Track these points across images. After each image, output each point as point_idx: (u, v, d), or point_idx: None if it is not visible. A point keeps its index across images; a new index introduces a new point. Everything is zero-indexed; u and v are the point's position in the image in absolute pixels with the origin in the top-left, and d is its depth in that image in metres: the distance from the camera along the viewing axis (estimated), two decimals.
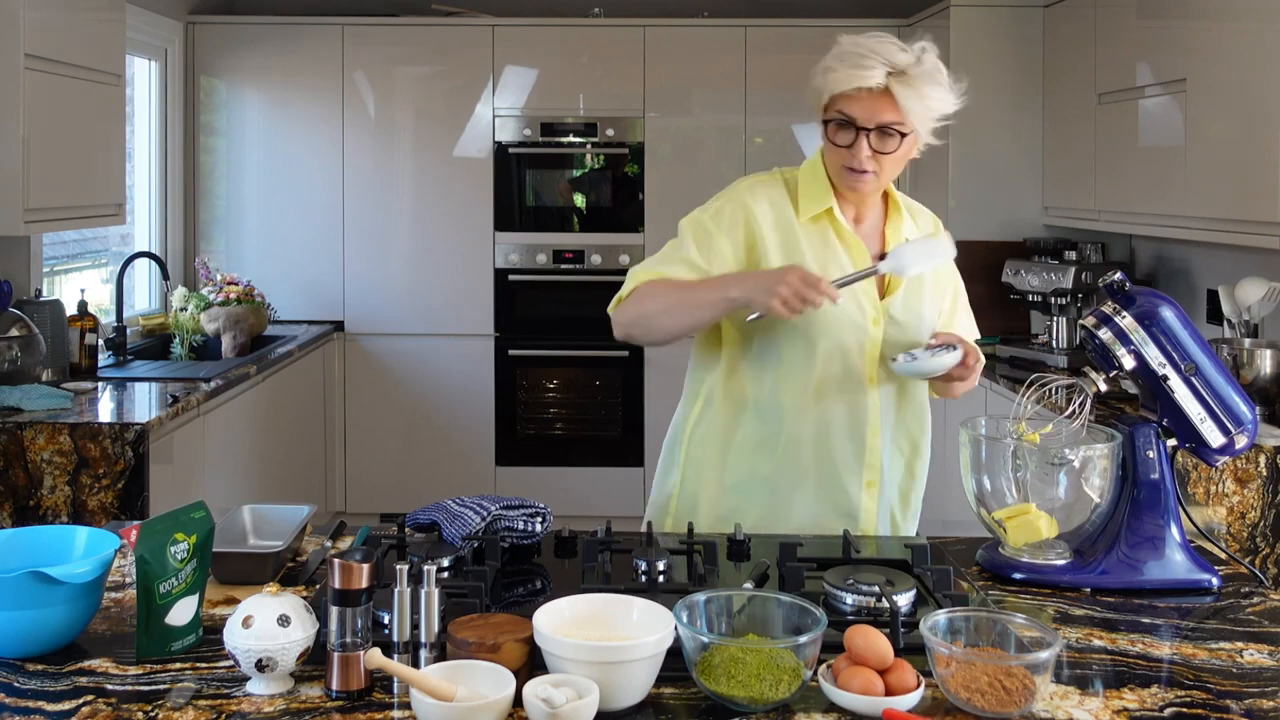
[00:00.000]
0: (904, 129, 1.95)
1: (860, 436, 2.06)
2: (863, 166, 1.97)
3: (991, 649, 1.40)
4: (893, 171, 2.02)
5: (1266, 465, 2.84)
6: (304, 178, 5.27)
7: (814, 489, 2.07)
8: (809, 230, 2.05)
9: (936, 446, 5.11)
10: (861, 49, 1.96)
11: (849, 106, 1.95)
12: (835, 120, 1.97)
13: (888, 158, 1.97)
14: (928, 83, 1.94)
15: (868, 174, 1.98)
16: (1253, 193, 3.04)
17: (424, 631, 1.42)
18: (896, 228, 2.09)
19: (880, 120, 1.94)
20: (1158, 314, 1.79)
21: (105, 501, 3.04)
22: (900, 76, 1.93)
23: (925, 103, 1.94)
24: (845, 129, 1.96)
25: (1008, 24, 4.61)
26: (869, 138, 1.95)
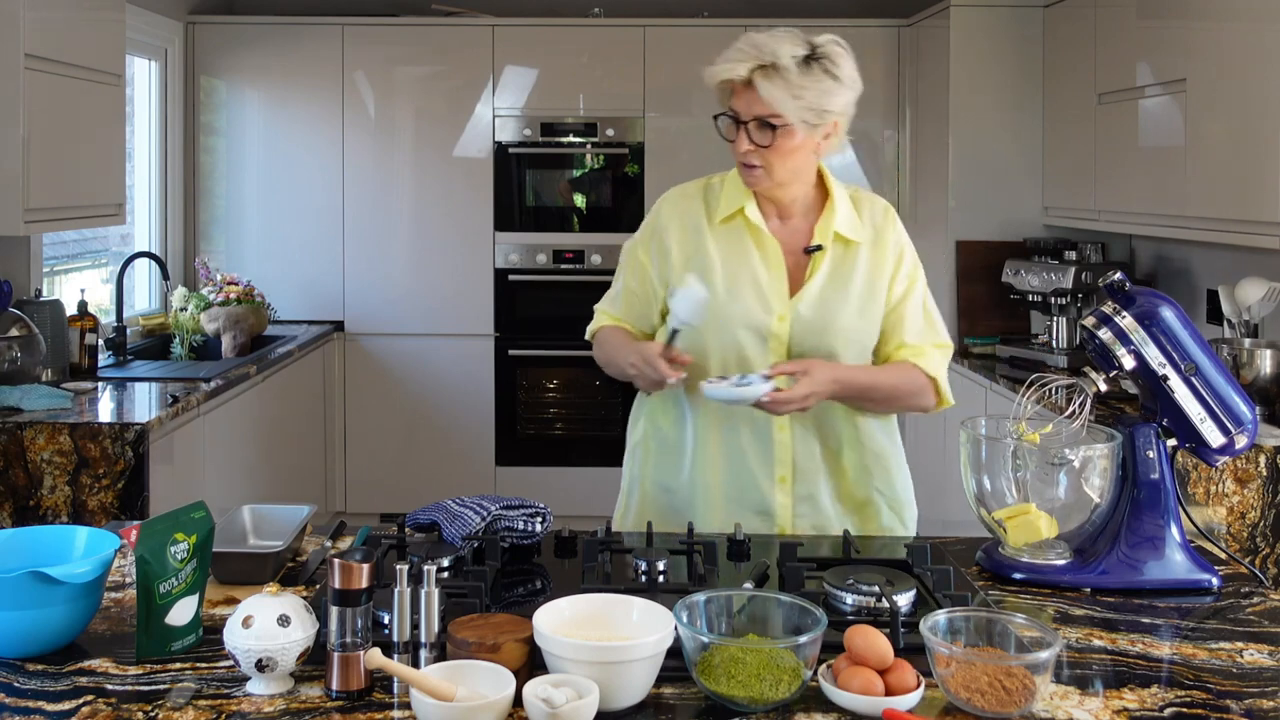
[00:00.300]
0: (777, 121, 1.96)
1: (766, 433, 2.06)
2: (746, 160, 2.00)
3: (991, 649, 1.40)
4: (786, 165, 2.01)
5: (1266, 465, 2.84)
6: (304, 178, 5.27)
7: (725, 486, 2.09)
8: (720, 232, 2.09)
9: (936, 446, 5.14)
10: (742, 43, 1.99)
11: (733, 100, 2.00)
12: (723, 114, 2.02)
13: (770, 151, 1.98)
14: (803, 75, 1.95)
15: (754, 168, 2.00)
16: (1253, 193, 3.04)
17: (424, 631, 1.42)
18: (827, 221, 2.07)
19: (755, 113, 1.97)
20: (1158, 314, 1.79)
21: (105, 501, 3.04)
22: (768, 69, 1.95)
23: (793, 94, 1.94)
24: (729, 123, 2.01)
25: (1008, 24, 4.61)
26: (748, 130, 1.97)
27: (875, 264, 2.09)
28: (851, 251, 2.08)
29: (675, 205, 2.15)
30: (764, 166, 2.00)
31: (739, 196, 2.08)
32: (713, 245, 2.08)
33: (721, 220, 2.09)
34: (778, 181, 2.03)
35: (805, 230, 2.09)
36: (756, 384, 1.92)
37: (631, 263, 2.18)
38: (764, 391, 1.91)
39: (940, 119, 4.74)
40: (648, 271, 2.14)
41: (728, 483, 2.09)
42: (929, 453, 4.92)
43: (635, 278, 2.17)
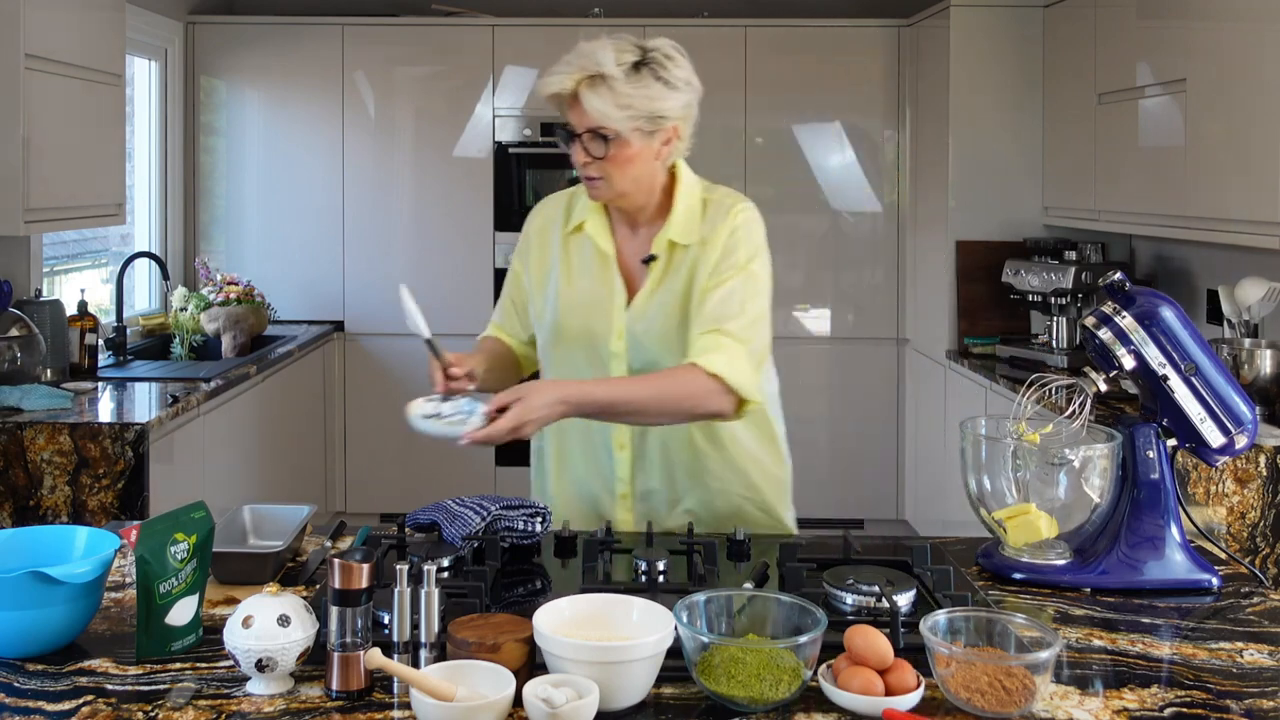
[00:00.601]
0: (608, 132, 1.90)
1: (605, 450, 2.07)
2: (585, 173, 1.95)
3: (991, 649, 1.40)
4: (625, 175, 1.95)
5: (1266, 465, 2.84)
6: (304, 178, 5.27)
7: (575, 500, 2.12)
8: (570, 244, 2.09)
9: (936, 446, 5.13)
10: (570, 54, 1.92)
11: (568, 113, 1.94)
12: (562, 127, 1.97)
13: (608, 162, 1.93)
14: (630, 83, 1.89)
15: (594, 180, 1.95)
16: (1253, 193, 3.04)
17: (424, 631, 1.42)
18: (665, 229, 2.01)
19: (586, 125, 1.91)
20: (1158, 314, 1.79)
21: (105, 501, 3.04)
22: (594, 80, 1.88)
23: (620, 103, 1.88)
24: (566, 137, 1.96)
25: (1008, 24, 4.61)
26: (582, 143, 1.93)
27: (700, 265, 1.98)
28: (679, 256, 2.01)
29: (540, 213, 2.16)
30: (603, 178, 1.94)
31: (586, 209, 2.06)
32: (559, 258, 2.08)
33: (569, 232, 2.08)
34: (619, 192, 1.97)
35: (643, 241, 2.04)
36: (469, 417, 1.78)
37: (510, 271, 2.19)
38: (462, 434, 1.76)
39: (940, 119, 4.74)
40: (521, 279, 2.15)
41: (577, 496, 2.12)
42: (929, 453, 4.92)
43: (513, 285, 2.18)
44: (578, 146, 1.93)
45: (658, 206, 2.04)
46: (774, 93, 5.23)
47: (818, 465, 5.30)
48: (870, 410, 5.32)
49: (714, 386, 1.88)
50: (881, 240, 5.30)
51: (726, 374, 1.88)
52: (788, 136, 5.27)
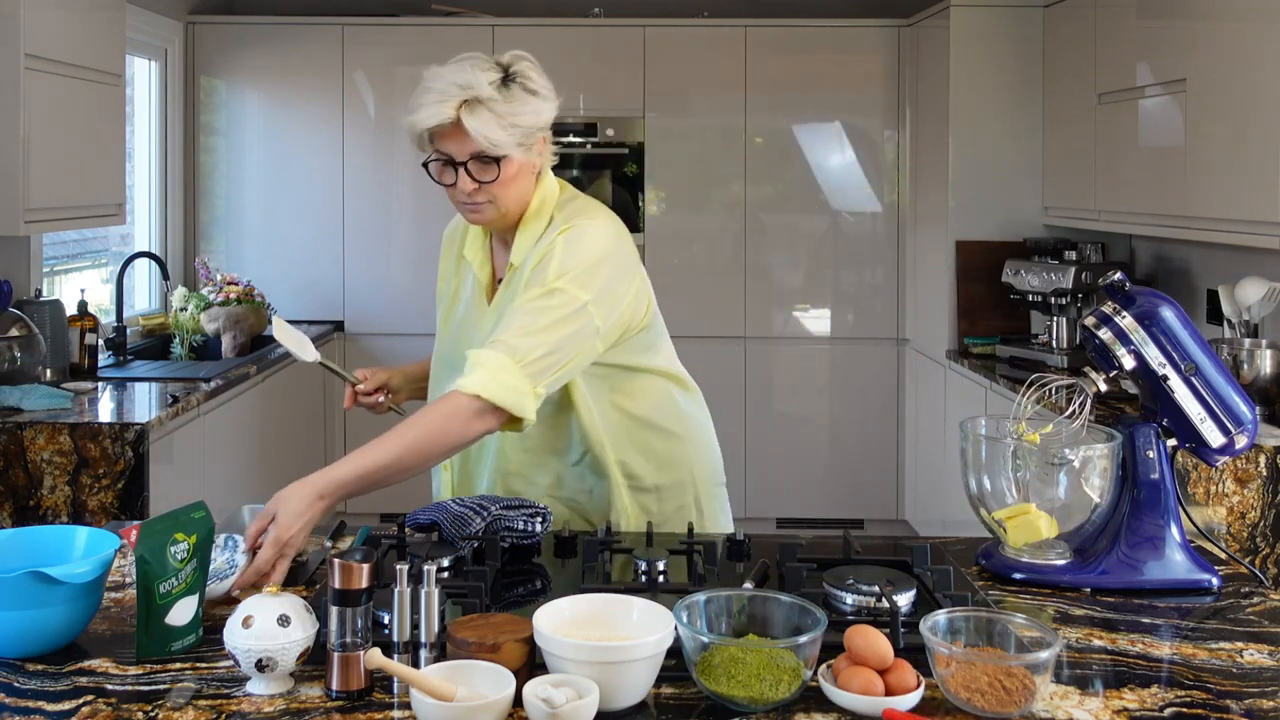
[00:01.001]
0: (495, 152, 1.85)
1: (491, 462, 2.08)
2: (471, 200, 1.89)
3: (991, 649, 1.40)
4: (511, 194, 1.91)
5: (1266, 465, 2.84)
6: (304, 178, 5.27)
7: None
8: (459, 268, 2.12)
9: (936, 446, 5.13)
10: (434, 83, 1.85)
11: (443, 143, 1.87)
12: (436, 160, 1.89)
13: (496, 185, 1.88)
14: (507, 101, 1.85)
15: (480, 204, 1.90)
16: (1253, 193, 3.04)
17: (424, 631, 1.42)
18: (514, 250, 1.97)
19: (470, 150, 1.85)
20: (1158, 314, 1.79)
21: (105, 501, 3.04)
22: (472, 104, 1.83)
23: (503, 123, 1.83)
24: (447, 167, 1.88)
25: (1008, 24, 4.62)
26: (468, 170, 1.87)
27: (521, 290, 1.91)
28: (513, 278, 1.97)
29: (446, 231, 2.18)
30: (491, 201, 1.90)
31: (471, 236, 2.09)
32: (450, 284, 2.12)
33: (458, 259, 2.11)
34: (503, 213, 1.93)
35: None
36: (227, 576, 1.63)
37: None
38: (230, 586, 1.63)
39: (940, 119, 4.75)
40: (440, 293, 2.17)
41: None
42: (929, 453, 4.92)
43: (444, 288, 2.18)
44: (462, 175, 1.87)
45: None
46: (774, 93, 5.23)
47: (818, 465, 5.30)
48: (870, 410, 5.33)
49: (474, 407, 1.75)
50: (881, 240, 5.31)
51: (485, 391, 1.75)
52: (788, 136, 5.27)
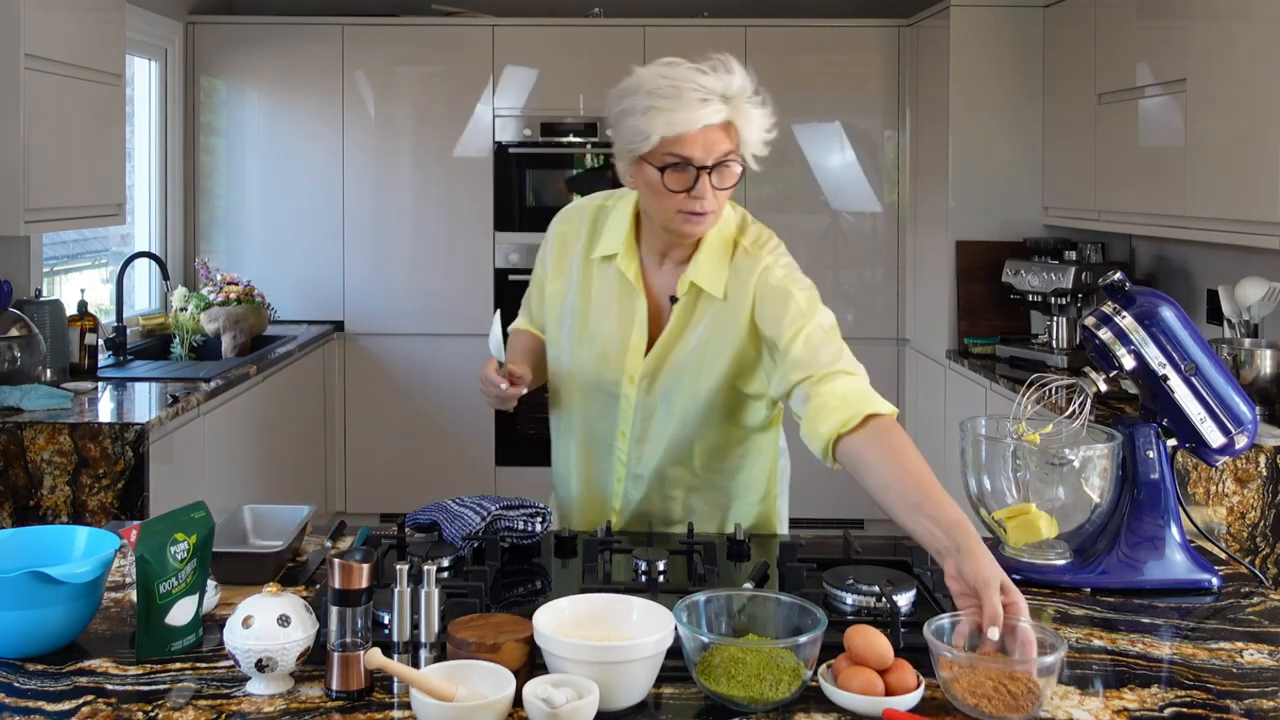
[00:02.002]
0: (734, 160, 1.81)
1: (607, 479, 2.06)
2: (703, 209, 1.80)
3: (995, 653, 1.40)
4: (724, 206, 1.89)
5: (1266, 465, 2.84)
6: (304, 178, 5.27)
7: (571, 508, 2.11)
8: (594, 270, 1.99)
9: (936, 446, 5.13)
10: (688, 83, 1.77)
11: (682, 148, 1.77)
12: (670, 165, 1.78)
13: (724, 194, 1.84)
14: (755, 104, 1.82)
15: (707, 215, 1.82)
16: (1253, 193, 3.04)
17: (424, 631, 1.42)
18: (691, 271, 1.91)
19: (718, 154, 1.79)
20: (1158, 314, 1.79)
21: (105, 501, 3.04)
22: (739, 107, 1.80)
23: (755, 125, 1.82)
24: (680, 171, 1.78)
25: (1008, 24, 4.61)
26: (710, 175, 1.79)
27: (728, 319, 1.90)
28: (704, 304, 1.92)
29: (561, 228, 2.06)
30: (715, 212, 1.83)
31: (618, 239, 1.95)
32: (578, 282, 2.00)
33: (596, 258, 1.99)
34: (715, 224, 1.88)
35: (672, 275, 1.95)
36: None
37: (535, 270, 2.12)
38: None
39: (940, 119, 4.74)
40: (543, 283, 2.08)
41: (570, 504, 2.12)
42: (929, 453, 4.92)
43: (536, 286, 2.13)
44: (704, 181, 1.78)
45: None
46: (774, 93, 5.17)
47: (818, 465, 5.29)
48: None
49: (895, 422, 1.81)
50: (881, 240, 5.31)
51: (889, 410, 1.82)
52: (788, 136, 5.26)
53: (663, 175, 1.79)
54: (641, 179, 1.84)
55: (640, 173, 1.84)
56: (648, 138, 1.77)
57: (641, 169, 1.83)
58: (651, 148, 1.78)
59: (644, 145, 1.78)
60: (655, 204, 1.84)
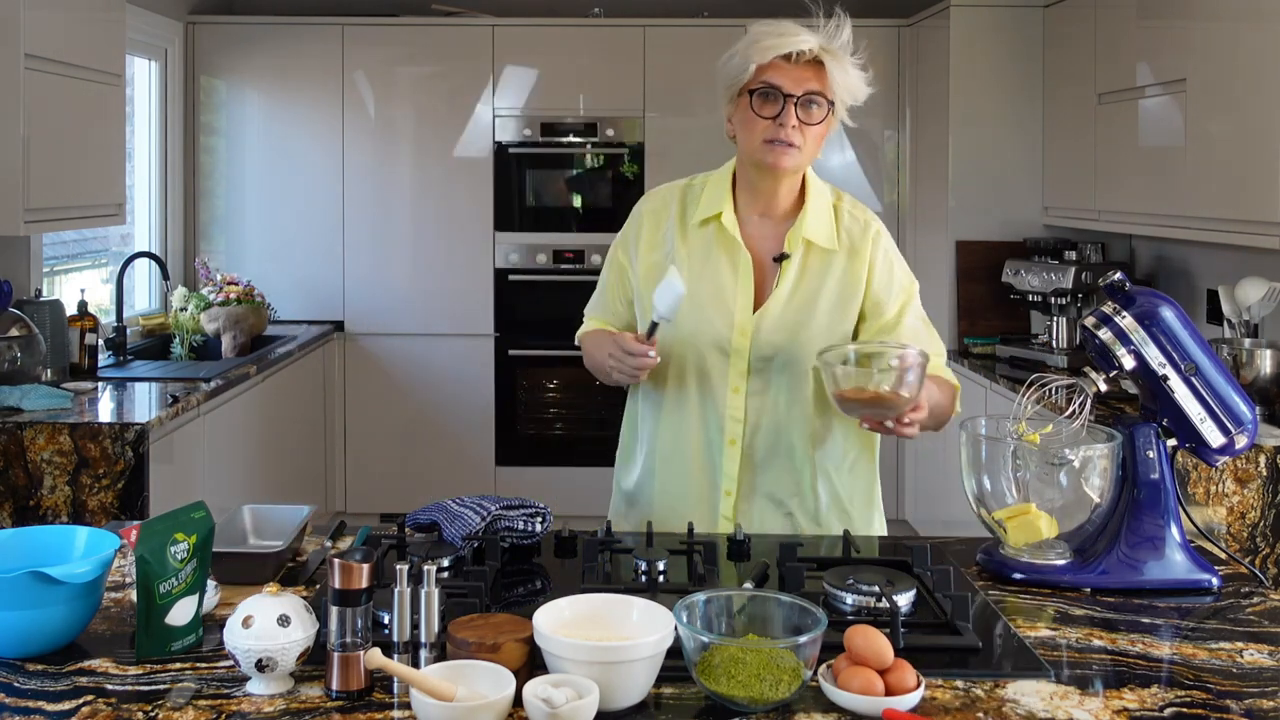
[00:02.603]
0: (829, 97, 1.94)
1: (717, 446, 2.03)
2: (789, 138, 1.93)
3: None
4: (814, 149, 1.98)
5: (1266, 465, 2.84)
6: (304, 178, 5.27)
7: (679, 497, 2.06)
8: (693, 235, 2.04)
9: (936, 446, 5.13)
10: (781, 26, 1.94)
11: (774, 76, 1.92)
12: (760, 90, 1.93)
13: (812, 130, 1.95)
14: (848, 57, 1.95)
15: (793, 147, 1.94)
16: (1253, 193, 3.04)
17: (424, 631, 1.42)
18: (799, 227, 2.01)
19: (807, 88, 1.92)
20: (1158, 314, 1.79)
21: (105, 501, 3.04)
22: (831, 50, 1.93)
23: (849, 75, 1.94)
24: (771, 99, 1.92)
25: (1008, 24, 4.62)
26: (796, 106, 1.92)
27: (849, 277, 2.02)
28: (824, 261, 2.02)
29: (651, 204, 2.11)
30: (800, 147, 1.94)
31: (718, 200, 2.03)
32: (683, 249, 2.03)
33: (698, 223, 2.04)
34: (802, 164, 1.98)
35: (780, 234, 2.03)
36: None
37: (612, 263, 2.14)
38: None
39: (940, 119, 4.74)
40: (626, 271, 2.11)
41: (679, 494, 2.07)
42: (929, 453, 4.92)
43: (616, 277, 2.13)
44: (789, 108, 1.92)
45: (794, 200, 2.04)
46: None
47: None
48: None
49: (955, 394, 2.05)
50: None
51: (958, 386, 2.06)
52: None
53: (752, 99, 1.93)
54: (738, 116, 1.98)
55: (737, 110, 1.97)
56: (746, 68, 1.92)
57: (738, 106, 1.97)
58: (749, 77, 1.93)
59: (743, 76, 1.93)
60: (746, 135, 1.97)
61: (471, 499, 1.88)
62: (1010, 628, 1.59)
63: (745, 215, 2.04)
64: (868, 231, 2.05)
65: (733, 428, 2.02)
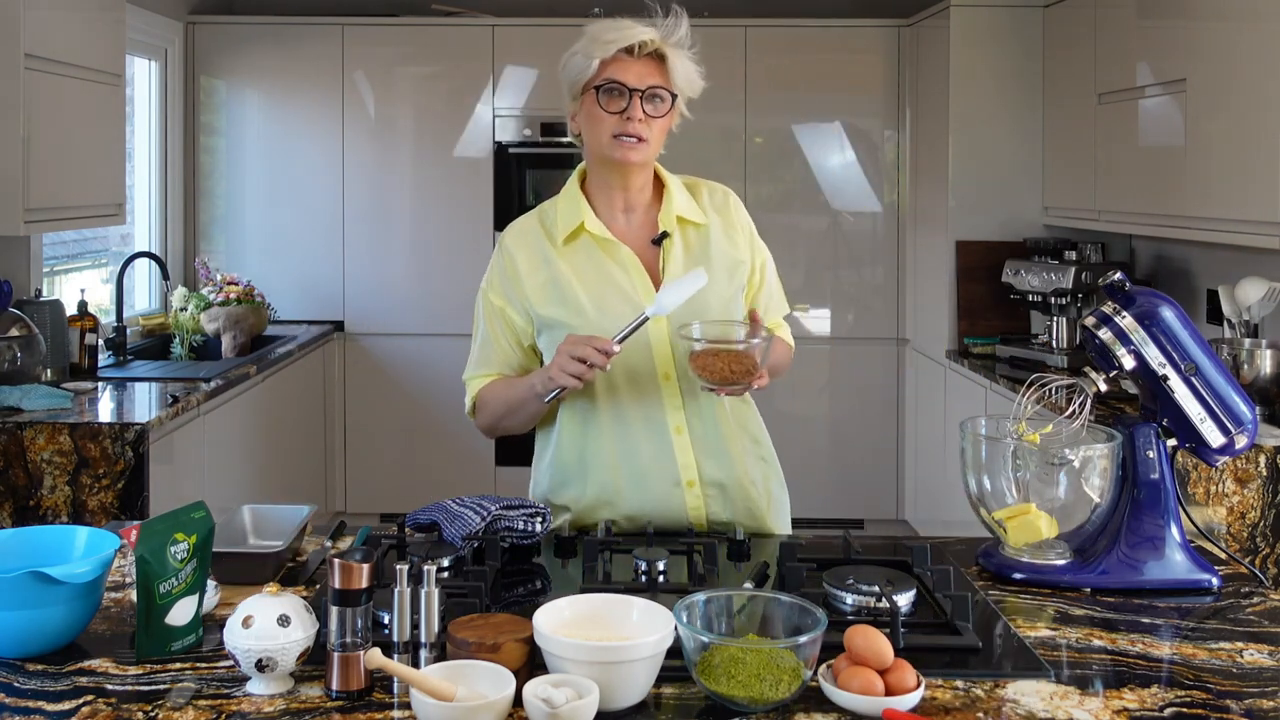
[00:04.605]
0: (672, 90, 2.00)
1: (664, 436, 2.01)
2: (637, 132, 1.97)
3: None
4: (659, 142, 2.03)
5: (1266, 465, 2.84)
6: (304, 178, 5.27)
7: (637, 495, 2.03)
8: (568, 253, 2.03)
9: (936, 446, 5.12)
10: (620, 22, 2.02)
11: (618, 72, 1.98)
12: (604, 86, 1.98)
13: (657, 123, 1.99)
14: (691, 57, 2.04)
15: (642, 141, 1.98)
16: (1253, 193, 3.04)
17: (424, 631, 1.42)
18: (667, 209, 2.05)
19: (650, 83, 1.98)
20: (1158, 314, 1.79)
21: (105, 501, 3.04)
22: (671, 44, 2.02)
23: (689, 68, 2.02)
24: (617, 95, 1.97)
25: (1008, 24, 4.62)
26: (641, 100, 1.97)
27: (730, 246, 2.07)
28: (701, 235, 2.06)
29: (512, 237, 2.09)
30: (647, 141, 1.99)
31: (575, 212, 2.05)
32: (565, 268, 2.02)
33: (565, 240, 2.04)
34: (649, 157, 2.02)
35: (648, 223, 2.07)
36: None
37: (486, 310, 2.10)
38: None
39: (940, 119, 4.75)
40: (506, 312, 2.07)
41: (640, 490, 2.02)
42: (929, 453, 4.92)
43: (494, 324, 2.09)
44: (635, 102, 1.97)
45: (650, 188, 2.10)
46: (774, 93, 5.23)
47: (818, 465, 5.30)
48: (870, 410, 5.32)
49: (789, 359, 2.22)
50: (881, 240, 5.31)
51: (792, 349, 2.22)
52: (788, 136, 5.27)
53: (598, 95, 1.98)
54: (584, 114, 2.03)
55: (583, 108, 2.02)
56: (589, 65, 1.98)
57: (583, 104, 2.02)
58: (592, 73, 1.99)
59: (586, 73, 1.99)
60: (593, 133, 2.02)
61: (471, 499, 1.88)
62: (1010, 628, 1.59)
63: (608, 216, 2.06)
64: (729, 200, 2.13)
65: (674, 416, 2.02)
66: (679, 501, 2.02)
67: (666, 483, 2.02)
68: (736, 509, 2.06)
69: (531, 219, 2.12)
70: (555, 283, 2.02)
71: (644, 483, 2.02)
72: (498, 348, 2.11)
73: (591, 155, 2.07)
